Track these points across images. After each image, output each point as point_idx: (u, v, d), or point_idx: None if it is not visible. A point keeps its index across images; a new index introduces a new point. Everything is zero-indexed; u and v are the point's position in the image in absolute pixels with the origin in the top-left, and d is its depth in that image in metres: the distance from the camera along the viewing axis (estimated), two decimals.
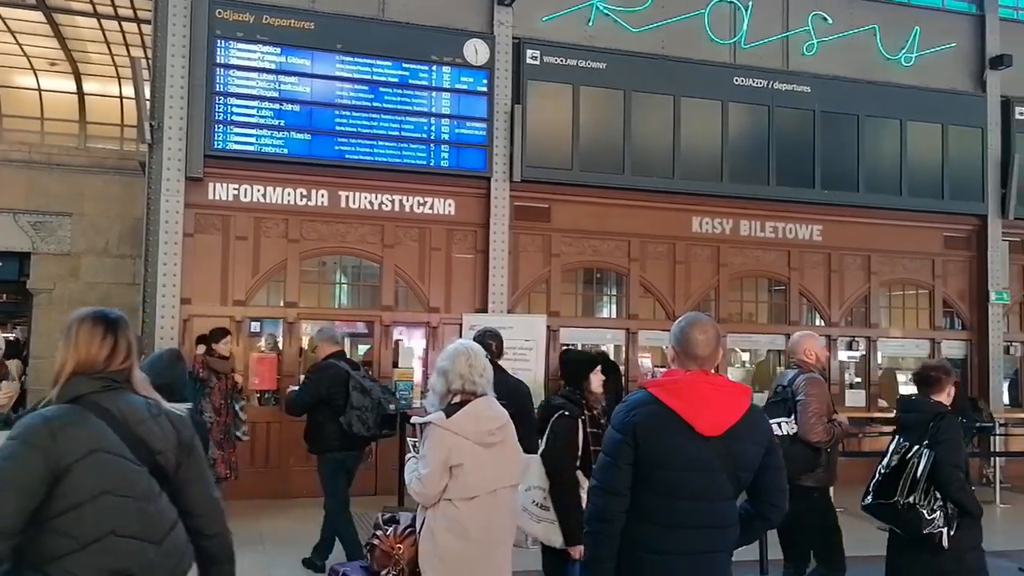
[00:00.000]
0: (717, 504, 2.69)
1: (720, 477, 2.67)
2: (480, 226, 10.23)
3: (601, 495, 2.70)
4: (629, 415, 2.70)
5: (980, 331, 11.93)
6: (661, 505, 2.65)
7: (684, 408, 2.65)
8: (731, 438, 2.66)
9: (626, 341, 10.86)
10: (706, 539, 2.68)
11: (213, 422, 7.37)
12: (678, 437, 2.64)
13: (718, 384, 2.76)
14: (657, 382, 2.80)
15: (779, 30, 11.34)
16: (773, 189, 11.09)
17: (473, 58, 10.12)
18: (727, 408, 2.69)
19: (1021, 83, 12.14)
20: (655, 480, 2.65)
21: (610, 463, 2.70)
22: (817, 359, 5.11)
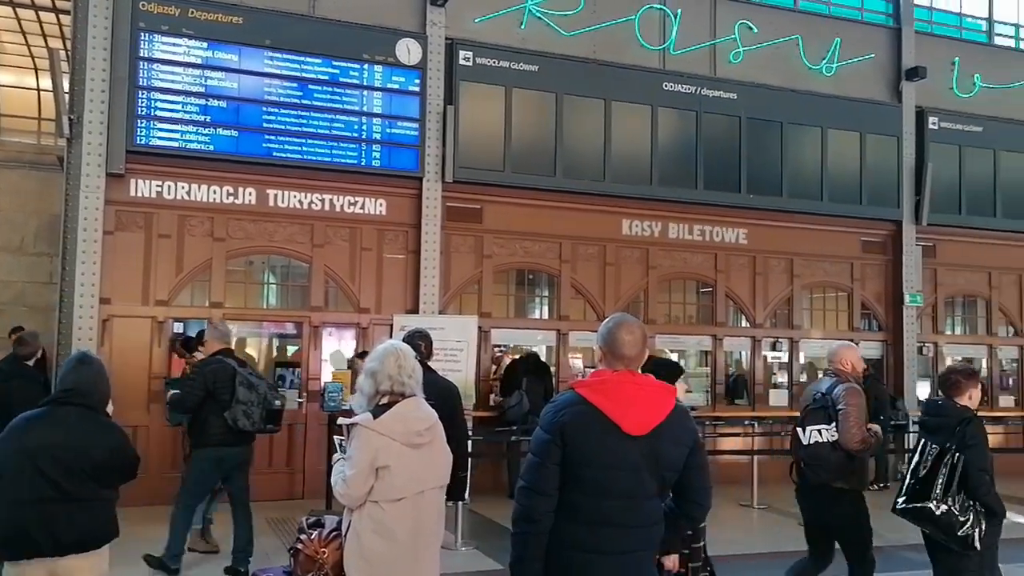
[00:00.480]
0: (643, 503, 2.71)
1: (646, 476, 2.69)
2: (412, 226, 10.18)
3: (528, 495, 2.70)
4: (557, 415, 2.71)
5: (895, 332, 12.38)
6: (588, 504, 2.67)
7: (611, 408, 2.67)
8: (656, 438, 2.69)
9: (557, 342, 10.95)
10: (632, 538, 2.70)
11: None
12: (605, 436, 2.65)
13: (644, 384, 2.78)
14: (584, 382, 2.80)
15: (707, 38, 11.59)
16: (700, 193, 11.31)
17: (405, 58, 10.07)
18: (653, 408, 2.71)
19: (934, 94, 12.67)
20: (582, 479, 2.66)
21: (538, 463, 2.70)
22: (853, 368, 5.28)
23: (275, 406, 6.37)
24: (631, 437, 2.66)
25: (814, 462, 5.09)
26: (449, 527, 7.09)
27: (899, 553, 6.95)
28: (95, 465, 3.59)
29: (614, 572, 2.68)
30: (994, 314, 13.21)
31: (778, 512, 9.38)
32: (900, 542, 6.81)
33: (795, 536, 8.16)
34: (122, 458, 3.73)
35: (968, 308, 13.41)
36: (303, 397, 9.63)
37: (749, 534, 8.57)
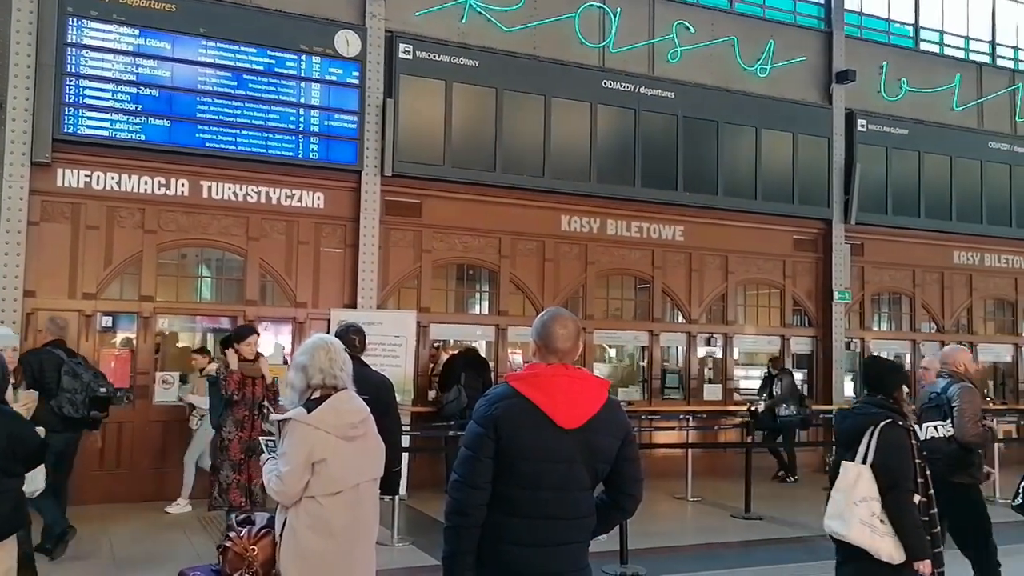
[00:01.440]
0: (576, 495, 2.73)
1: (579, 468, 2.71)
2: (350, 220, 10.09)
3: (461, 488, 2.70)
4: (491, 409, 2.71)
5: (825, 328, 12.73)
6: (522, 497, 2.68)
7: (544, 401, 2.68)
8: (589, 430, 2.71)
9: (496, 337, 10.98)
10: (565, 530, 2.72)
11: (232, 439, 6.74)
12: (538, 429, 2.67)
13: (577, 377, 2.79)
14: (518, 376, 2.81)
15: (645, 37, 11.74)
16: (638, 190, 11.46)
17: (344, 49, 9.96)
18: (586, 401, 2.73)
19: (863, 97, 13.05)
20: (516, 472, 2.67)
21: (471, 456, 2.70)
22: (966, 369, 5.61)
23: (99, 393, 6.66)
24: (564, 430, 2.68)
25: (931, 456, 5.27)
26: (385, 523, 7.09)
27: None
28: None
29: (547, 564, 2.69)
30: (917, 311, 13.69)
31: (711, 505, 9.59)
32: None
33: (726, 528, 8.41)
34: (21, 445, 3.65)
35: (893, 305, 13.86)
36: None
37: (682, 526, 8.74)
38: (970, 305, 14.07)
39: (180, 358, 9.68)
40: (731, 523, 8.66)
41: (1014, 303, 14.45)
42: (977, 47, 14.40)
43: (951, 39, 14.21)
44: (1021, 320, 14.52)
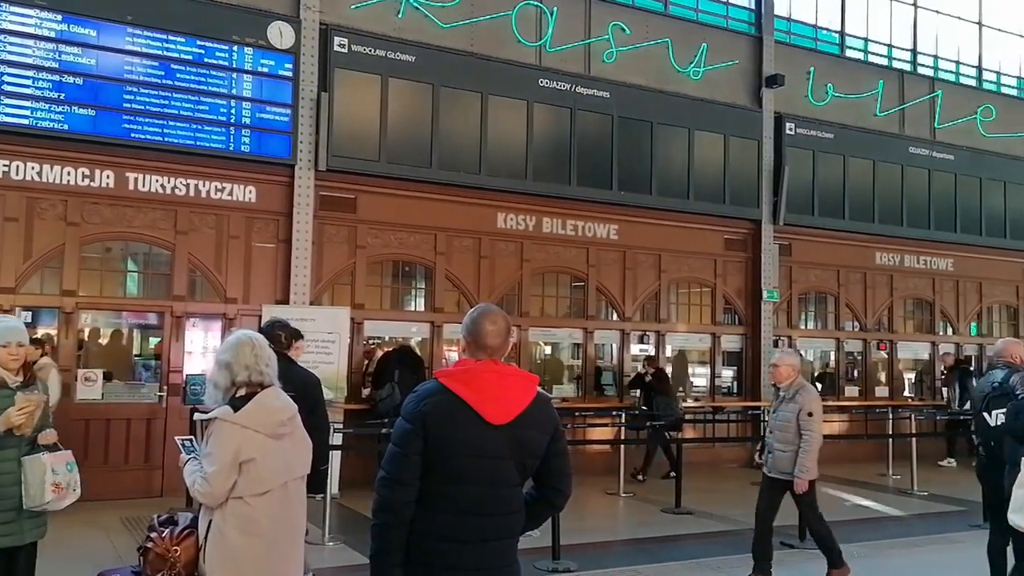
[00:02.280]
0: (504, 491, 2.72)
1: (507, 464, 2.70)
2: (283, 215, 9.93)
3: (389, 485, 2.67)
4: (419, 405, 2.69)
5: (754, 326, 13.04)
6: (450, 493, 2.66)
7: (473, 397, 2.67)
8: (518, 426, 2.70)
9: (431, 334, 10.94)
10: (494, 526, 2.71)
11: None
12: (467, 425, 2.65)
13: (506, 373, 2.77)
14: (447, 372, 2.78)
15: (581, 36, 11.83)
16: (574, 189, 11.55)
17: (278, 41, 9.80)
18: (515, 397, 2.72)
19: (792, 101, 13.39)
20: (444, 468, 2.65)
21: (399, 453, 2.67)
22: (1021, 360, 5.86)
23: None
24: (493, 426, 2.66)
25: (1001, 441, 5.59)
26: (316, 521, 7.01)
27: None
28: None
29: (476, 560, 2.68)
30: (841, 310, 14.12)
31: (642, 500, 9.73)
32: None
33: (657, 523, 8.54)
34: None
35: (819, 303, 14.27)
36: (164, 390, 9.23)
37: (614, 522, 8.85)
38: (890, 304, 14.57)
39: (104, 355, 9.41)
40: (662, 518, 8.81)
41: (931, 303, 15.02)
42: (899, 55, 14.91)
43: (875, 47, 14.69)
44: (938, 319, 15.11)
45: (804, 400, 6.19)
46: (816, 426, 6.12)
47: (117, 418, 9.04)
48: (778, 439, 6.25)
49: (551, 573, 6.33)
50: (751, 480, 11.12)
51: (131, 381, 9.43)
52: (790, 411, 6.20)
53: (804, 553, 6.97)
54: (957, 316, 15.24)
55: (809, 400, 6.19)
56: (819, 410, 6.20)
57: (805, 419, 6.11)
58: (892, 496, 10.47)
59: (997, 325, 15.97)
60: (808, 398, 6.20)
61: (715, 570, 6.61)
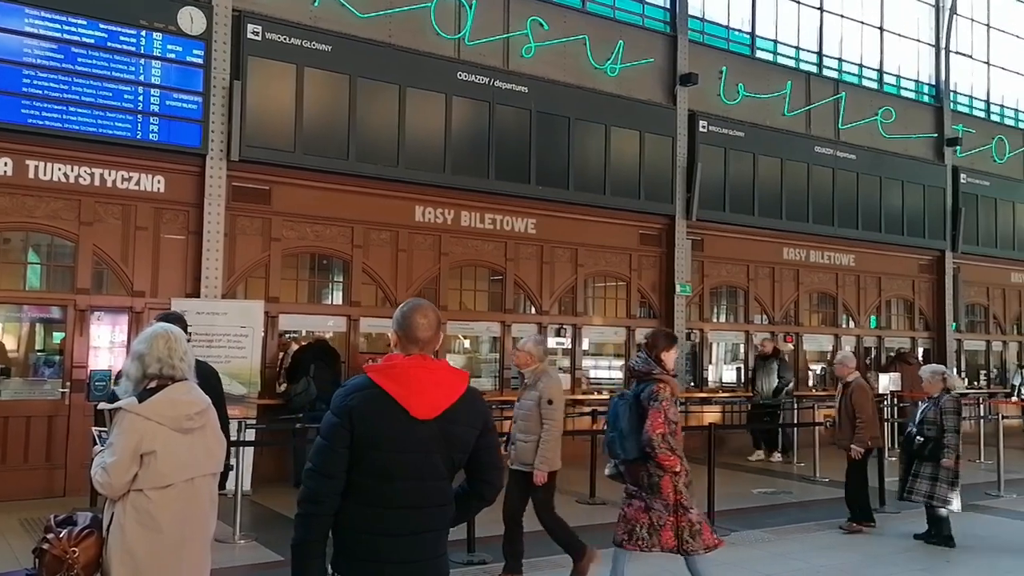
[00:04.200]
0: (431, 484, 2.76)
1: (434, 458, 2.74)
2: (193, 206, 9.68)
3: (315, 477, 2.70)
4: (346, 399, 2.72)
5: (667, 320, 13.33)
6: (376, 486, 2.69)
7: (399, 392, 2.70)
8: (446, 420, 2.74)
9: (348, 328, 10.83)
10: (421, 519, 2.74)
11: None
12: (393, 420, 2.68)
13: (435, 368, 2.81)
14: (375, 367, 2.80)
15: (500, 31, 11.87)
16: (492, 183, 11.59)
17: (188, 27, 9.52)
18: (442, 392, 2.76)
19: (705, 99, 13.73)
20: (371, 462, 2.68)
21: (326, 446, 2.70)
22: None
23: None
24: (420, 420, 2.70)
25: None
26: (227, 519, 6.87)
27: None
28: None
29: (404, 553, 2.71)
30: (751, 303, 14.57)
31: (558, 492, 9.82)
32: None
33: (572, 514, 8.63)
34: None
35: (730, 297, 14.70)
36: (67, 387, 8.89)
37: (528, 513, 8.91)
38: (797, 298, 15.12)
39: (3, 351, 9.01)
40: (577, 508, 8.94)
41: (835, 297, 15.65)
42: (806, 57, 15.45)
43: (784, 48, 15.18)
44: (841, 313, 15.75)
45: (545, 387, 5.92)
46: (558, 415, 5.86)
47: (16, 416, 8.68)
48: (520, 428, 5.98)
49: (466, 565, 6.37)
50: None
51: (32, 377, 9.06)
52: (531, 399, 5.95)
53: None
54: (858, 310, 15.91)
55: (550, 387, 5.92)
56: (560, 398, 5.94)
57: (546, 407, 5.86)
58: (796, 482, 10.90)
59: (895, 318, 16.76)
60: (549, 385, 5.94)
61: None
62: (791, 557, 6.94)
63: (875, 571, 6.59)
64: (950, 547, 7.31)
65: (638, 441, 4.97)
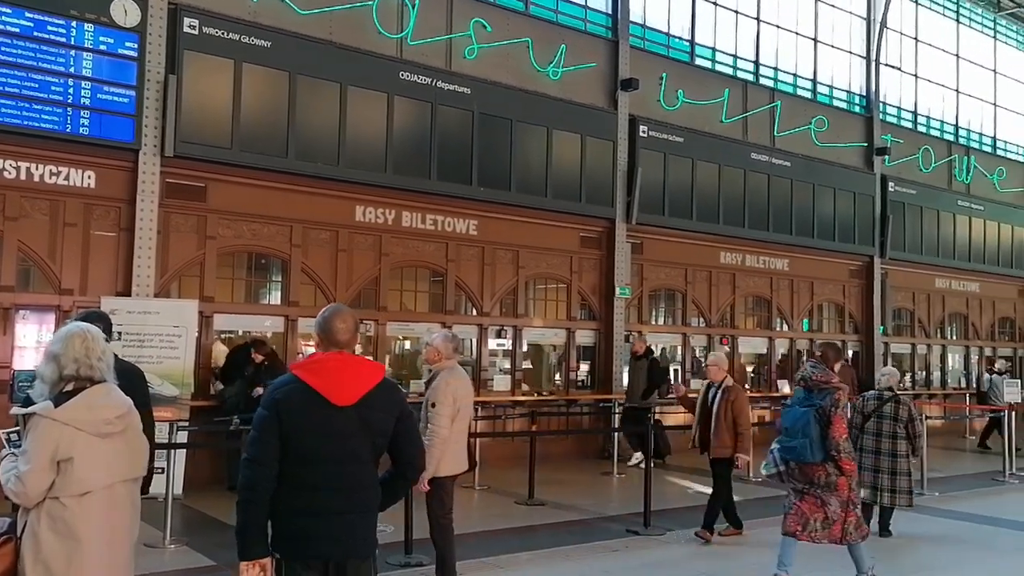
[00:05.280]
0: (354, 467, 3.04)
1: (356, 443, 3.04)
2: (125, 202, 9.43)
3: (250, 466, 2.97)
4: (274, 394, 3.03)
5: (607, 321, 13.47)
6: (305, 472, 2.97)
7: (320, 383, 2.99)
8: (364, 407, 3.03)
9: (285, 328, 10.67)
10: (346, 500, 3.02)
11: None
12: (316, 409, 2.97)
13: (352, 361, 3.13)
14: (299, 364, 3.13)
15: (443, 31, 11.84)
16: (434, 183, 11.55)
17: (121, 19, 9.27)
18: (358, 381, 3.05)
19: (645, 105, 13.90)
20: (299, 449, 2.97)
21: (257, 437, 2.99)
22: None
23: None
24: (340, 408, 2.99)
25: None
26: (157, 523, 6.71)
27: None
28: None
29: (332, 532, 2.99)
30: (688, 306, 14.81)
31: (497, 493, 9.88)
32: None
33: (511, 515, 8.70)
34: None
35: (668, 300, 14.91)
36: None
37: (468, 514, 8.90)
38: (733, 302, 15.41)
39: None
40: (515, 509, 8.98)
41: (769, 300, 16.00)
42: (744, 65, 15.78)
43: (722, 56, 15.47)
44: (775, 316, 16.11)
45: (433, 388, 5.54)
46: (442, 420, 5.39)
47: None
48: (422, 430, 5.41)
49: (403, 568, 6.33)
50: (602, 471, 11.55)
51: None
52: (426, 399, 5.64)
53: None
54: (792, 313, 16.30)
55: (437, 389, 5.50)
56: (445, 401, 5.44)
57: (430, 410, 5.46)
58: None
59: (826, 322, 17.21)
60: (437, 386, 5.51)
61: (564, 558, 6.82)
62: (727, 557, 7.07)
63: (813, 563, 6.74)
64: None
65: (824, 446, 5.52)
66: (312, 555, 2.99)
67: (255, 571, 2.93)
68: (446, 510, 5.58)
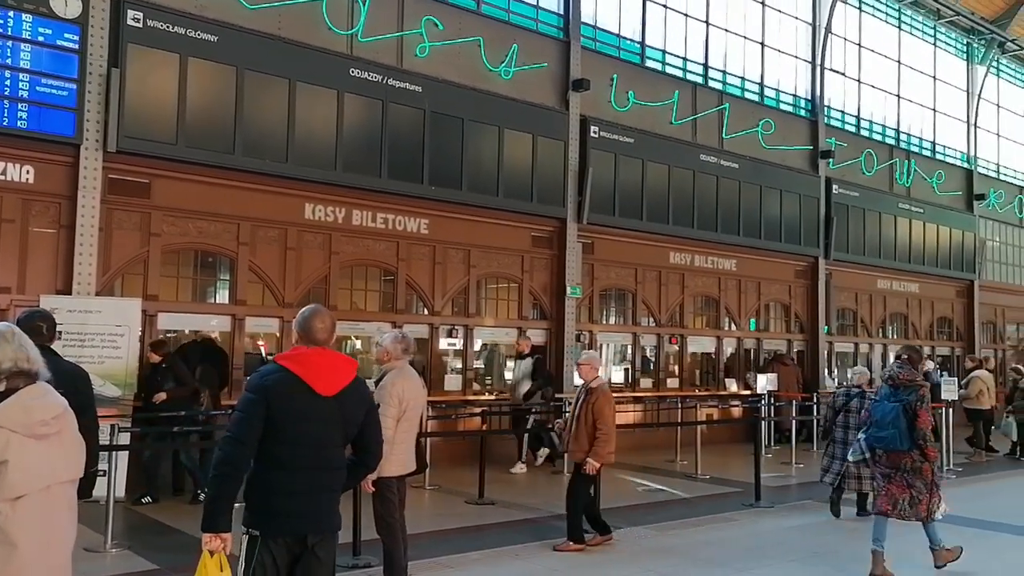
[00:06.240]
0: (329, 450, 3.40)
1: (332, 429, 3.39)
2: (66, 198, 9.19)
3: (232, 443, 3.25)
4: (262, 380, 3.33)
5: (558, 321, 13.53)
6: (285, 453, 3.29)
7: (306, 373, 3.33)
8: (342, 397, 3.39)
9: (232, 327, 10.51)
10: (321, 479, 3.37)
11: None
12: (301, 395, 3.30)
13: (331, 357, 3.45)
14: (285, 355, 3.42)
15: (394, 28, 11.76)
16: (385, 182, 11.47)
17: (62, 10, 9.04)
18: (339, 375, 3.41)
19: (596, 105, 13.99)
20: (282, 432, 3.27)
21: (244, 418, 3.27)
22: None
23: None
24: (322, 397, 3.33)
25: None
26: (98, 527, 6.56)
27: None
28: None
29: (306, 509, 3.32)
30: (638, 306, 14.95)
31: (447, 492, 9.86)
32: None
33: (460, 514, 8.69)
34: None
35: (618, 300, 15.03)
36: None
37: (418, 514, 8.86)
38: (682, 301, 15.60)
39: None
40: (465, 508, 8.97)
41: (717, 300, 16.23)
42: (693, 68, 15.97)
43: (672, 59, 15.64)
44: (723, 315, 16.36)
45: (379, 388, 5.46)
46: (386, 421, 5.21)
47: None
48: None
49: (351, 569, 6.29)
50: (552, 470, 11.60)
51: None
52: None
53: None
54: (739, 313, 16.56)
55: (383, 389, 5.43)
56: (391, 402, 5.38)
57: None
58: (679, 480, 11.24)
59: (773, 321, 17.53)
60: (383, 387, 5.43)
61: (514, 556, 6.83)
62: (675, 552, 7.15)
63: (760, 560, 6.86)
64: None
65: (912, 436, 6.28)
66: (289, 531, 3.31)
67: (217, 543, 3.20)
68: (391, 509, 5.51)
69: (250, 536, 3.29)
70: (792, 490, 10.76)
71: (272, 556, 3.29)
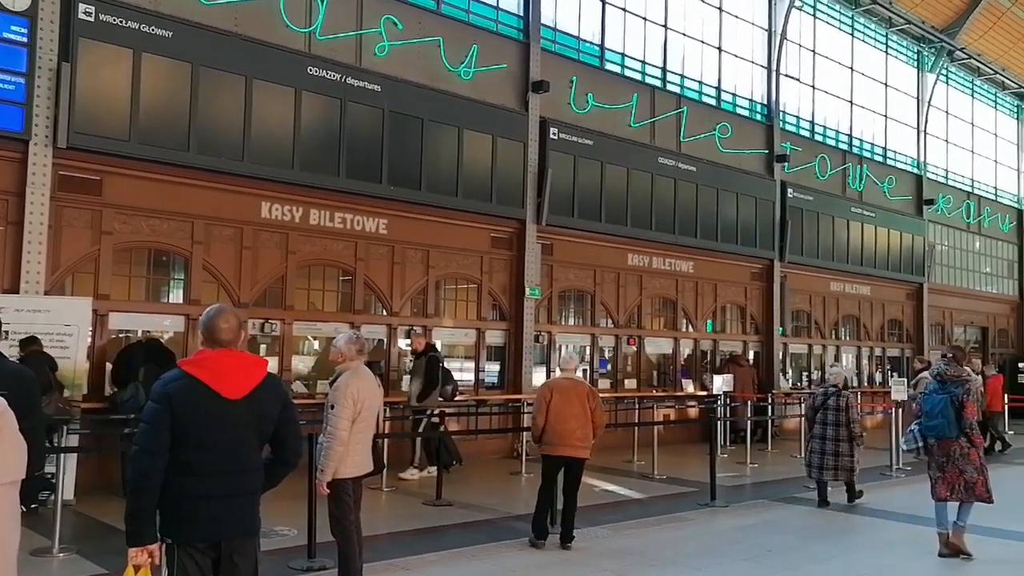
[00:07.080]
0: (242, 453, 3.32)
1: (244, 431, 3.30)
2: (13, 194, 8.98)
3: (143, 456, 3.17)
4: (165, 388, 3.23)
5: (517, 322, 13.55)
6: (195, 458, 3.21)
7: (211, 378, 3.23)
8: (253, 399, 3.30)
9: (186, 328, 10.33)
10: (234, 483, 3.28)
11: None
12: (206, 401, 3.22)
13: (238, 357, 3.35)
14: (187, 360, 3.33)
15: (353, 27, 11.69)
16: (343, 181, 11.38)
17: (10, 2, 8.83)
18: (247, 376, 3.31)
19: (556, 107, 14.05)
20: (190, 438, 3.19)
21: (149, 428, 3.18)
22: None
23: None
24: (230, 400, 3.25)
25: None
26: (46, 531, 6.41)
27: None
28: None
29: (220, 513, 3.25)
30: (597, 307, 15.03)
31: (404, 493, 9.82)
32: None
33: (418, 516, 8.65)
34: None
35: (577, 301, 15.10)
36: None
37: (375, 516, 8.81)
38: (640, 303, 15.73)
39: None
40: (423, 510, 8.93)
41: (675, 301, 16.40)
42: (652, 71, 16.11)
43: (631, 62, 15.76)
44: (680, 317, 16.52)
45: (332, 389, 5.41)
46: (341, 422, 5.24)
47: None
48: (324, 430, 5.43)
49: (305, 572, 6.22)
50: (510, 471, 11.61)
51: None
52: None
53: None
54: (696, 314, 16.74)
55: (336, 391, 5.38)
56: (345, 404, 5.27)
57: (329, 412, 5.34)
58: (635, 480, 11.32)
59: (729, 323, 17.75)
60: (336, 388, 5.39)
61: (471, 558, 6.82)
62: (631, 552, 7.20)
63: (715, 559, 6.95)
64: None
65: (960, 425, 6.96)
66: (202, 536, 3.24)
67: (144, 557, 3.14)
68: (346, 511, 5.45)
69: (167, 544, 3.25)
70: (747, 489, 10.90)
71: (194, 561, 3.25)
